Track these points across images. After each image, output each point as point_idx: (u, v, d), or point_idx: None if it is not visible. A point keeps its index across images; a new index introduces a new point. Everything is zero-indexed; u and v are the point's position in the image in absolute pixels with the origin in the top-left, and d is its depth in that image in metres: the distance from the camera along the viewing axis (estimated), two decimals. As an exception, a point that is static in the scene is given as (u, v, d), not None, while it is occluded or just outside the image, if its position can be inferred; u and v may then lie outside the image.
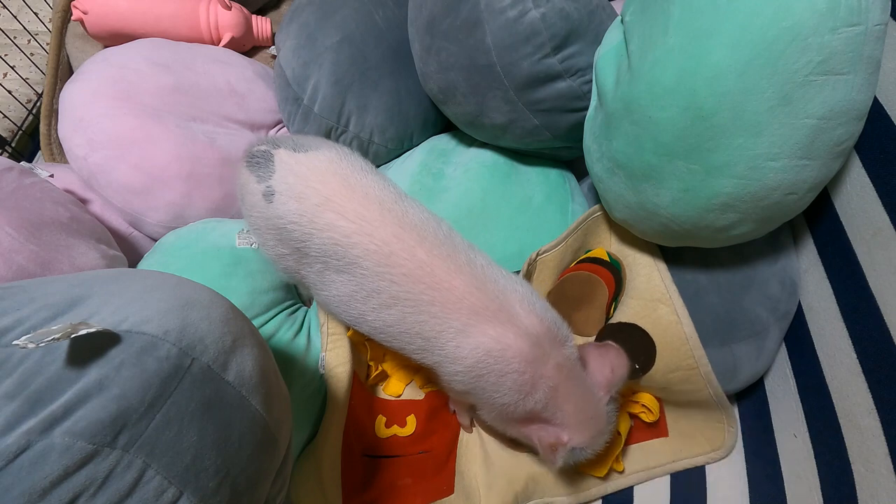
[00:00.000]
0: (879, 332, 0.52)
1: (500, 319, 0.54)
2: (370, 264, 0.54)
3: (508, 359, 0.53)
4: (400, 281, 0.54)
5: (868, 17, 0.43)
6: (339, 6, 0.83)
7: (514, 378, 0.54)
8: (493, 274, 0.56)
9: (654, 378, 0.67)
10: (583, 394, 0.57)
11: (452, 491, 0.70)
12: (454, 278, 0.54)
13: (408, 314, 0.55)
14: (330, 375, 0.68)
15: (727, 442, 0.72)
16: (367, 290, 0.55)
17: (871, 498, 0.52)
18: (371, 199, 0.55)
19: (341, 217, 0.54)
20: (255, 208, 0.59)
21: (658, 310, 0.68)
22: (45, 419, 0.30)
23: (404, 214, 0.56)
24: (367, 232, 0.54)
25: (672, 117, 0.52)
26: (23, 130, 1.08)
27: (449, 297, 0.54)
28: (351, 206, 0.55)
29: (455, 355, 0.55)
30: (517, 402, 0.55)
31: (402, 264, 0.53)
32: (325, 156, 0.57)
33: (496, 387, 0.55)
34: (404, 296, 0.54)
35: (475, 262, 0.56)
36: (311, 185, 0.55)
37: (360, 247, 0.54)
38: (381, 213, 0.55)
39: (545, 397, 0.55)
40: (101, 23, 0.89)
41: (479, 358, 0.54)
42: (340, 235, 0.54)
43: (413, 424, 0.73)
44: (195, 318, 0.37)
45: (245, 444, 0.38)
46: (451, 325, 0.54)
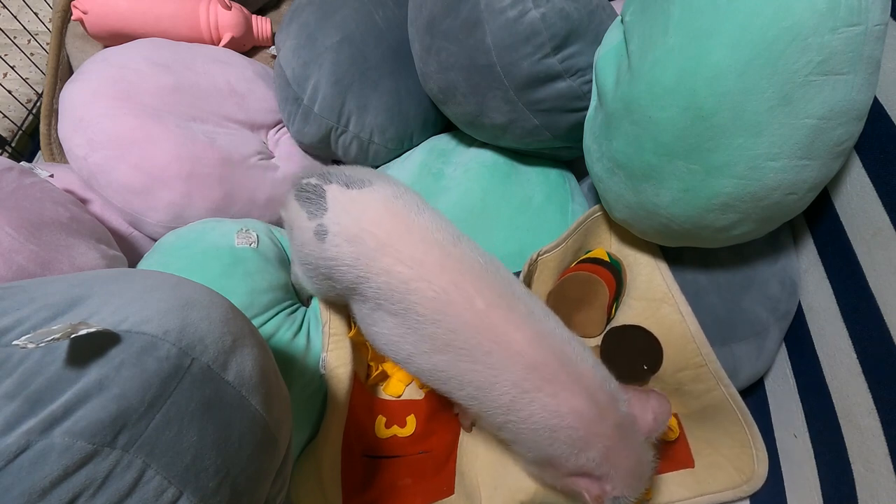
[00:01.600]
0: (879, 332, 0.52)
1: (558, 378, 0.52)
2: (427, 311, 0.52)
3: (564, 414, 0.52)
4: (457, 329, 0.52)
5: (868, 17, 0.43)
6: (339, 6, 0.83)
7: (569, 434, 0.52)
8: (551, 328, 0.55)
9: (665, 380, 0.67)
10: (636, 449, 0.55)
11: (453, 491, 0.70)
12: (513, 331, 0.52)
13: (461, 362, 0.53)
14: (331, 376, 0.68)
15: (758, 471, 0.68)
16: (419, 334, 0.53)
17: (871, 498, 0.52)
18: (430, 242, 0.54)
19: (399, 263, 0.52)
20: (307, 245, 0.57)
21: (661, 309, 0.68)
22: (44, 419, 0.30)
23: (463, 259, 0.54)
24: (426, 279, 0.52)
25: (672, 117, 0.52)
26: (23, 130, 1.08)
27: (507, 351, 0.52)
28: (408, 250, 0.53)
29: (509, 408, 0.53)
30: (569, 455, 0.54)
31: (460, 314, 0.52)
32: (381, 194, 0.55)
33: (549, 440, 0.53)
34: (460, 344, 0.52)
35: (533, 313, 0.54)
36: (366, 228, 0.53)
37: (419, 293, 0.52)
38: (441, 257, 0.53)
39: (599, 456, 0.53)
40: (101, 23, 0.89)
41: (534, 412, 0.52)
42: (398, 281, 0.52)
43: (413, 425, 0.73)
44: (195, 318, 0.37)
45: (245, 444, 0.38)
46: (507, 378, 0.52)
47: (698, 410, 0.70)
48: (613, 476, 0.55)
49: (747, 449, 0.69)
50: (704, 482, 0.69)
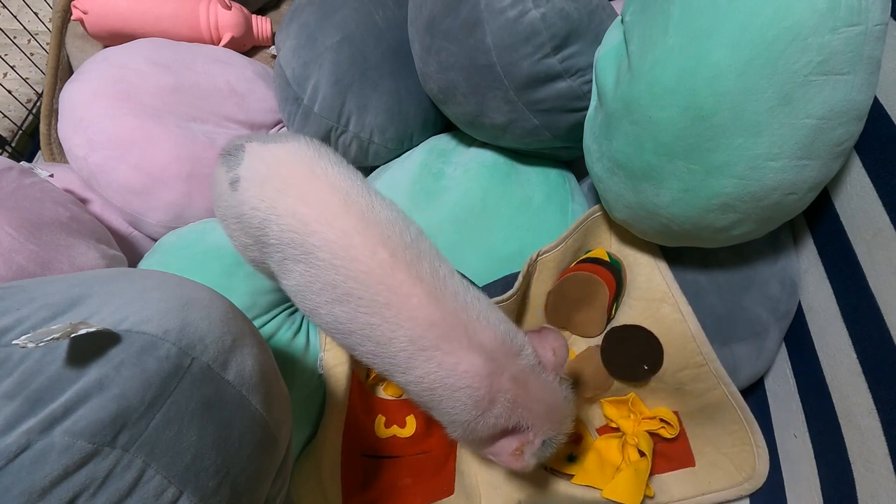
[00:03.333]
0: (879, 332, 0.52)
1: (455, 334, 0.52)
2: (327, 255, 0.51)
3: (461, 374, 0.51)
4: (356, 277, 0.51)
5: (868, 17, 0.43)
6: (339, 6, 0.83)
7: (469, 393, 0.52)
8: (454, 286, 0.54)
9: (665, 379, 0.67)
10: (544, 393, 0.55)
11: (453, 491, 0.70)
12: (414, 286, 0.51)
13: (360, 314, 0.52)
14: (328, 375, 0.68)
15: (759, 468, 0.68)
16: (321, 281, 0.52)
17: (871, 498, 0.52)
18: (336, 189, 0.53)
19: (302, 203, 0.52)
20: (222, 198, 0.58)
21: (661, 309, 0.68)
22: (45, 419, 0.30)
23: (370, 209, 0.53)
24: (327, 220, 0.51)
25: (672, 117, 0.52)
26: (23, 130, 1.08)
27: (406, 304, 0.51)
28: (314, 193, 0.53)
29: (406, 365, 0.53)
30: (476, 418, 0.53)
31: (361, 260, 0.51)
32: (294, 145, 0.56)
33: (451, 402, 0.53)
34: (359, 293, 0.51)
35: (438, 272, 0.54)
36: (276, 171, 0.54)
37: (319, 235, 0.51)
38: (346, 203, 0.52)
39: (506, 410, 0.53)
40: (101, 23, 0.89)
41: (431, 370, 0.52)
42: (299, 221, 0.52)
43: (413, 425, 0.73)
44: (195, 317, 0.38)
45: (245, 443, 0.38)
46: (404, 334, 0.51)
47: (699, 409, 0.70)
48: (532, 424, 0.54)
49: (748, 447, 0.69)
50: (705, 481, 0.70)
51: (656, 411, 0.70)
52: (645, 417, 0.71)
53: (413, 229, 0.56)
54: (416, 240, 0.55)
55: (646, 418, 0.70)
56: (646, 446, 0.68)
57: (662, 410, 0.70)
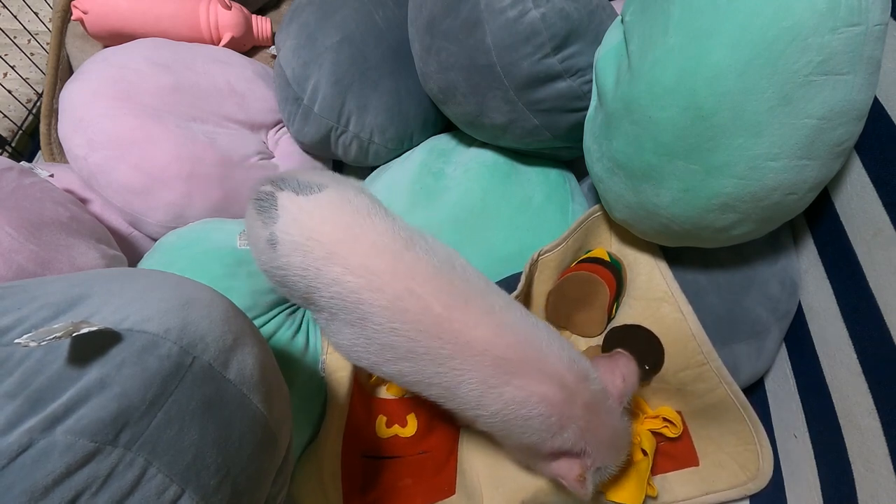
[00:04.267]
0: (879, 332, 0.52)
1: (524, 369, 0.52)
2: (383, 321, 0.50)
3: (534, 404, 0.52)
4: (416, 337, 0.51)
5: (868, 17, 0.43)
6: (339, 6, 0.83)
7: (541, 420, 0.52)
8: (513, 319, 0.54)
9: (667, 380, 0.67)
10: (611, 421, 0.55)
11: (454, 491, 0.70)
12: (473, 330, 0.51)
13: (425, 367, 0.52)
14: (330, 379, 0.68)
15: (763, 469, 0.68)
16: (379, 343, 0.52)
17: (871, 498, 0.52)
18: (379, 248, 0.52)
19: (347, 272, 0.50)
20: (262, 254, 0.56)
21: (661, 308, 0.68)
22: (46, 418, 0.30)
23: (416, 264, 0.52)
24: (377, 287, 0.50)
25: (672, 117, 0.52)
26: (23, 130, 1.08)
27: (469, 351, 0.51)
28: (356, 259, 0.51)
29: (478, 403, 0.53)
30: (544, 440, 0.54)
31: (418, 321, 0.50)
32: (328, 200, 0.53)
33: (522, 429, 0.53)
34: (421, 350, 0.51)
35: (494, 309, 0.53)
36: (313, 238, 0.51)
37: (371, 303, 0.50)
38: (392, 264, 0.51)
39: (574, 436, 0.53)
40: (101, 23, 0.89)
41: (504, 405, 0.52)
42: (348, 291, 0.51)
43: (414, 424, 0.73)
44: (196, 316, 0.38)
45: (246, 442, 0.38)
46: (473, 377, 0.51)
47: (702, 409, 0.69)
48: (591, 450, 0.55)
49: (752, 446, 0.69)
50: (709, 481, 0.70)
51: (659, 410, 0.70)
52: (648, 416, 0.70)
53: (459, 268, 0.55)
54: (465, 280, 0.54)
55: (649, 417, 0.70)
56: (648, 445, 0.68)
57: (666, 409, 0.70)
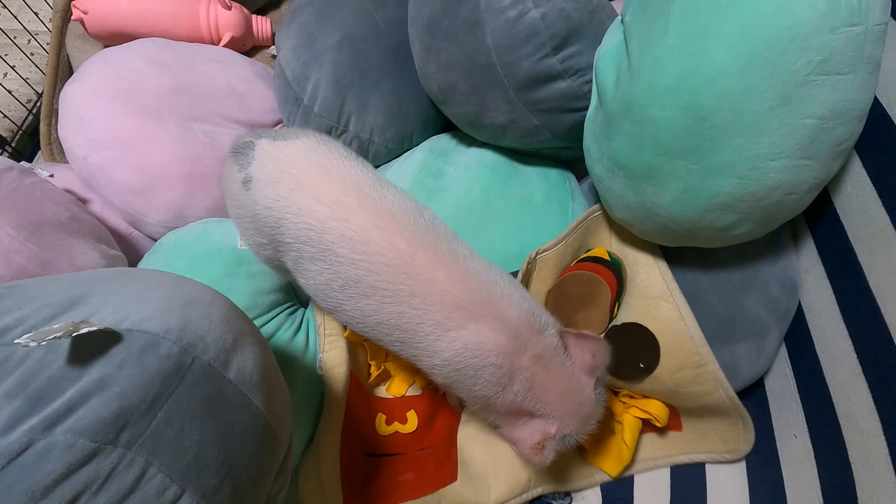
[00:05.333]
0: (879, 332, 0.52)
1: (480, 313, 0.53)
2: (346, 251, 0.52)
3: (486, 352, 0.53)
4: (378, 270, 0.52)
5: (868, 16, 0.43)
6: (339, 6, 0.83)
7: (492, 371, 0.53)
8: (475, 265, 0.55)
9: (662, 380, 0.67)
10: (566, 381, 0.56)
11: (456, 478, 0.70)
12: (436, 270, 0.52)
13: (386, 305, 0.53)
14: (328, 376, 0.68)
15: (742, 447, 0.70)
16: (343, 278, 0.53)
17: (870, 498, 0.52)
18: (348, 183, 0.54)
19: (315, 201, 0.53)
20: (235, 196, 0.59)
21: (660, 307, 0.68)
22: (47, 417, 0.30)
23: (382, 200, 0.54)
24: (343, 217, 0.52)
25: (672, 117, 0.52)
26: (23, 130, 1.08)
27: (430, 290, 0.52)
28: (326, 190, 0.53)
29: (433, 348, 0.54)
30: (496, 393, 0.55)
31: (380, 252, 0.52)
32: (303, 142, 0.57)
33: (474, 379, 0.54)
34: (382, 286, 0.52)
35: (457, 253, 0.55)
36: (287, 171, 0.54)
37: (335, 232, 0.52)
38: (359, 198, 0.53)
39: (524, 388, 0.54)
40: (101, 23, 0.89)
41: (457, 351, 0.53)
42: (314, 220, 0.52)
43: (414, 420, 0.73)
44: (196, 316, 0.38)
45: (246, 442, 0.38)
46: (431, 318, 0.53)
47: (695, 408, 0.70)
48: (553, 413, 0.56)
49: (736, 428, 0.71)
50: (688, 444, 0.73)
51: (647, 403, 0.71)
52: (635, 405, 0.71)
53: (427, 214, 0.57)
54: (432, 224, 0.56)
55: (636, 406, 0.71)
56: (630, 437, 0.69)
57: (654, 403, 0.71)
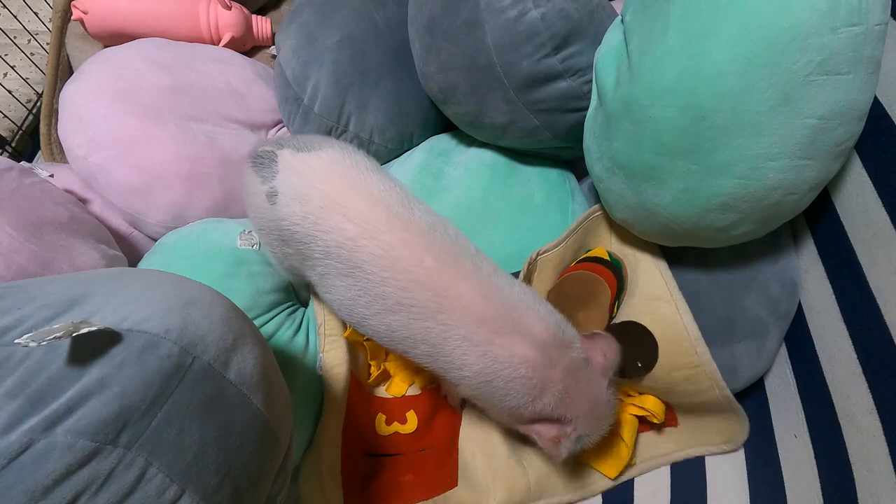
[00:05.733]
0: (880, 332, 0.52)
1: (507, 329, 0.53)
2: (375, 269, 0.53)
3: (516, 365, 0.53)
4: (406, 287, 0.53)
5: (869, 16, 0.43)
6: (339, 6, 0.83)
7: (523, 383, 0.54)
8: (500, 281, 0.56)
9: (658, 378, 0.67)
10: (590, 389, 0.57)
11: (456, 483, 0.70)
12: (462, 286, 0.53)
13: (413, 321, 0.54)
14: (327, 376, 0.68)
15: (738, 437, 0.71)
16: (371, 294, 0.54)
17: (871, 498, 0.52)
18: (376, 200, 0.54)
19: (345, 220, 0.53)
20: (259, 210, 0.58)
21: (659, 307, 0.68)
22: (47, 417, 0.30)
23: (411, 218, 0.55)
24: (372, 235, 0.53)
25: (672, 117, 0.52)
26: (23, 130, 1.08)
27: (456, 305, 0.53)
28: (355, 207, 0.53)
29: (462, 362, 0.54)
30: (526, 404, 0.55)
31: (409, 270, 0.52)
32: (329, 155, 0.57)
33: (504, 391, 0.55)
34: (410, 302, 0.53)
35: (482, 269, 0.55)
36: (315, 186, 0.54)
37: (365, 251, 0.53)
38: (388, 216, 0.54)
39: (555, 400, 0.55)
40: (101, 23, 0.89)
41: (487, 364, 0.53)
42: (344, 238, 0.53)
43: (414, 421, 0.73)
44: (196, 316, 0.38)
45: (246, 442, 0.38)
46: (458, 333, 0.53)
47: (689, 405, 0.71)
48: (573, 418, 0.56)
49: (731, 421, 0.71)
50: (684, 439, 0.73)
51: (644, 399, 0.71)
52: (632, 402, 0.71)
53: (452, 230, 0.57)
54: (456, 240, 0.56)
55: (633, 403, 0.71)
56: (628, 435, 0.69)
57: (650, 399, 0.71)
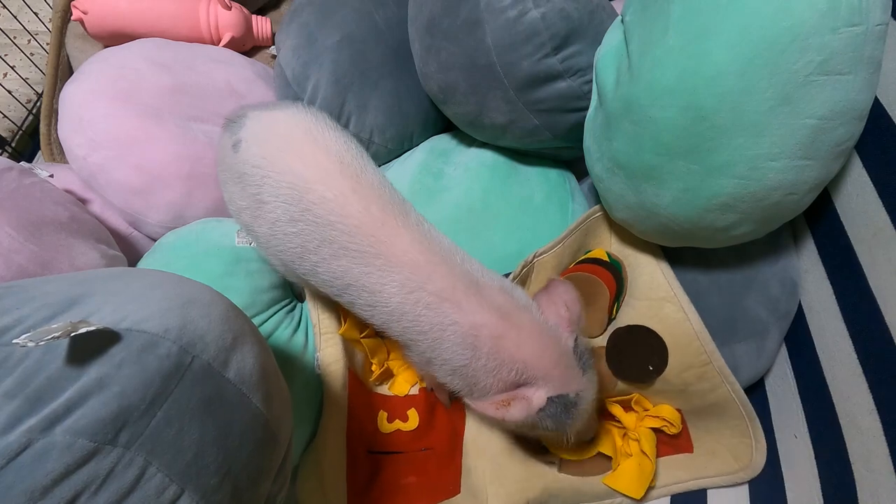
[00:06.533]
0: (880, 332, 0.52)
1: (438, 274, 0.55)
2: (323, 212, 0.55)
3: (445, 311, 0.55)
4: (350, 231, 0.55)
5: (869, 16, 0.43)
6: (338, 6, 0.83)
7: (454, 329, 0.55)
8: (438, 237, 0.59)
9: (670, 380, 0.67)
10: (541, 336, 0.56)
11: (459, 490, 0.70)
12: (401, 233, 0.56)
13: (354, 265, 0.56)
14: (325, 374, 0.68)
15: (755, 460, 0.69)
16: (318, 238, 0.56)
17: (871, 498, 0.52)
18: (332, 152, 0.58)
19: (300, 161, 0.56)
20: (224, 161, 0.62)
21: (664, 308, 0.68)
22: (46, 417, 0.30)
23: (363, 173, 0.58)
24: (325, 180, 0.56)
25: (672, 117, 0.52)
26: (23, 130, 1.08)
27: (393, 251, 0.55)
28: (311, 154, 0.57)
29: (400, 311, 0.56)
30: (470, 361, 0.55)
31: (354, 215, 0.55)
32: (293, 110, 0.61)
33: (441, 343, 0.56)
34: (353, 246, 0.55)
35: (423, 225, 0.58)
36: (275, 132, 0.58)
37: (316, 193, 0.55)
38: (341, 165, 0.57)
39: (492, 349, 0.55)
40: (101, 23, 0.89)
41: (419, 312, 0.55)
42: (298, 178, 0.56)
43: (416, 418, 0.73)
44: (195, 315, 0.37)
45: (246, 441, 0.38)
46: (394, 279, 0.55)
47: (702, 407, 0.70)
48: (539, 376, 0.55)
49: (747, 440, 0.70)
50: (701, 467, 0.71)
51: (659, 409, 0.70)
52: (648, 414, 0.71)
53: (399, 195, 0.60)
54: (403, 202, 0.60)
55: (649, 416, 0.71)
56: (648, 447, 0.68)
57: (666, 409, 0.70)
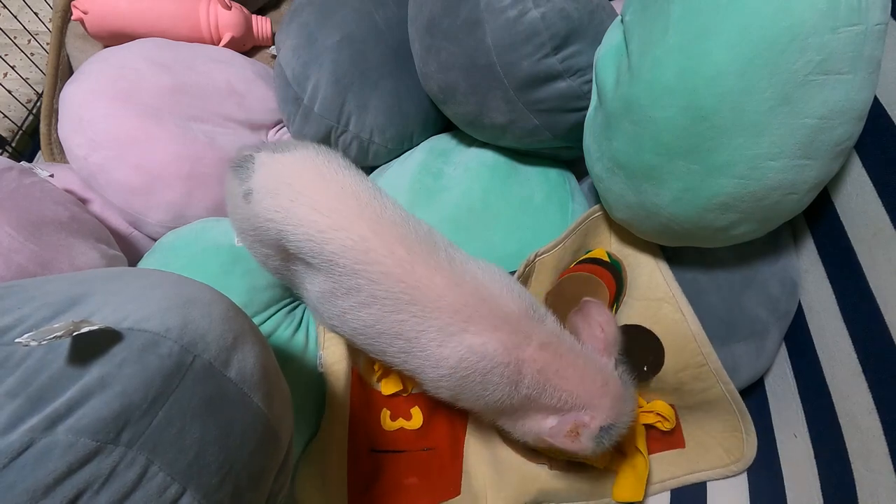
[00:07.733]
0: (879, 332, 0.52)
1: (480, 314, 0.53)
2: (347, 261, 0.52)
3: (490, 354, 0.52)
4: (378, 279, 0.52)
5: (868, 16, 0.43)
6: (339, 6, 0.83)
7: (500, 371, 0.53)
8: (472, 268, 0.56)
9: (666, 379, 0.67)
10: (583, 365, 0.55)
11: (459, 492, 0.70)
12: (434, 276, 0.53)
13: (387, 314, 0.53)
14: (328, 373, 0.68)
15: (746, 453, 0.70)
16: (345, 287, 0.54)
17: (871, 498, 0.52)
18: (347, 193, 0.54)
19: (315, 211, 0.53)
20: (237, 210, 0.58)
21: (662, 309, 0.68)
22: (47, 417, 0.30)
23: (383, 210, 0.54)
24: (343, 227, 0.52)
25: (672, 117, 0.52)
26: (23, 130, 1.08)
27: (429, 296, 0.52)
28: (325, 200, 0.53)
29: (438, 356, 0.54)
30: (510, 394, 0.54)
31: (380, 261, 0.52)
32: (302, 153, 0.57)
33: (483, 385, 0.54)
34: (383, 294, 0.52)
35: (455, 260, 0.55)
36: (286, 181, 0.54)
37: (336, 242, 0.52)
38: (358, 207, 0.53)
39: (536, 381, 0.54)
40: (101, 23, 0.89)
41: (462, 356, 0.53)
42: (315, 230, 0.52)
43: (419, 416, 0.72)
44: (196, 315, 0.38)
45: (247, 440, 0.38)
46: (432, 325, 0.53)
47: (695, 404, 0.70)
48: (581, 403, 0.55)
49: (738, 433, 0.70)
50: (693, 461, 0.72)
51: (653, 405, 0.71)
52: (642, 410, 0.71)
53: (424, 226, 0.57)
54: (429, 233, 0.56)
55: (643, 411, 0.71)
56: (642, 444, 0.69)
57: (660, 404, 0.71)
